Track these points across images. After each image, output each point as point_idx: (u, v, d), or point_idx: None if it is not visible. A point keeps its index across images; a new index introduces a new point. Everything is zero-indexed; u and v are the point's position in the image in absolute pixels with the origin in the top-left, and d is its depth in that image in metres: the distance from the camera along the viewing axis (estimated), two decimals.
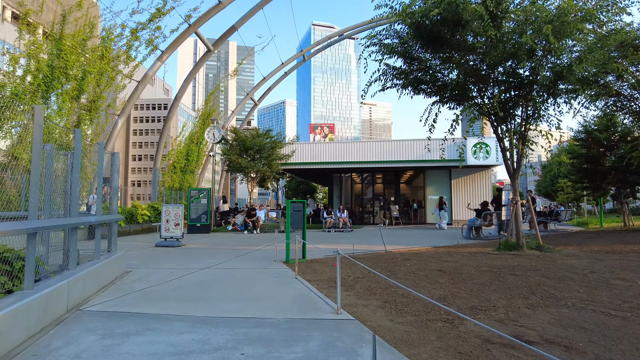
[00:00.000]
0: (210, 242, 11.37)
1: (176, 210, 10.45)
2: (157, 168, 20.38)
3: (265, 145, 17.44)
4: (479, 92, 8.99)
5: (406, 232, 15.37)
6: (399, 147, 19.41)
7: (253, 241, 11.64)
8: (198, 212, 15.15)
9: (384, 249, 9.50)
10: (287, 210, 7.37)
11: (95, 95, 14.24)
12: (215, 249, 9.60)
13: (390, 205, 20.39)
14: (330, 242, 11.43)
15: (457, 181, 20.77)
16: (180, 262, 7.36)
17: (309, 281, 5.44)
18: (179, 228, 10.37)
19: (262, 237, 13.26)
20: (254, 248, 9.73)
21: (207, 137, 16.22)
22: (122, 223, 13.64)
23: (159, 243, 10.21)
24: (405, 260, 7.44)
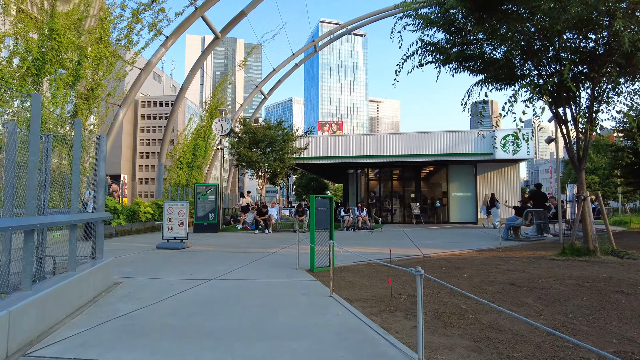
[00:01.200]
0: (219, 244, 10.12)
1: (180, 207, 9.21)
2: (162, 163, 19.26)
3: (277, 138, 16.14)
4: (536, 68, 7.54)
5: (431, 232, 13.97)
6: (421, 140, 17.97)
7: (266, 242, 10.37)
8: (205, 210, 13.93)
9: (420, 253, 8.15)
10: (311, 208, 6.06)
11: (93, 83, 13.07)
12: (225, 252, 8.33)
13: (410, 203, 18.96)
14: (352, 244, 10.09)
15: (482, 177, 19.26)
16: (182, 270, 6.10)
17: (350, 301, 4.12)
18: (184, 228, 9.13)
19: (275, 237, 11.98)
20: (268, 251, 8.44)
21: (215, 129, 14.98)
22: (122, 222, 12.48)
23: (161, 245, 8.98)
24: (455, 269, 6.08)
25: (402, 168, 20.08)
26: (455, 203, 19.45)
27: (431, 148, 17.91)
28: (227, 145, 17.54)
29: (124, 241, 10.73)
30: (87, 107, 13.13)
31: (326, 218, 6.24)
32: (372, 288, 4.78)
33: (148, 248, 9.05)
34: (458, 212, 19.35)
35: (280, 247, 9.23)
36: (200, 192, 14.02)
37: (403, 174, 20.28)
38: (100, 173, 5.19)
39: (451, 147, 17.87)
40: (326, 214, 6.24)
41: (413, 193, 19.80)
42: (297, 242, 6.45)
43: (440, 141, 17.94)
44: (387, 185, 20.29)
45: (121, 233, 12.51)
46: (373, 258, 7.38)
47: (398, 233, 13.29)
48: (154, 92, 77.51)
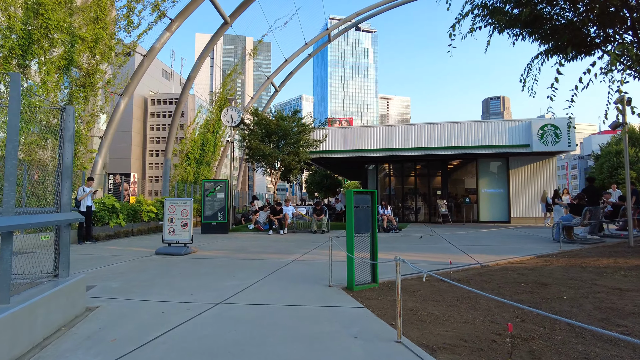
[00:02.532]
0: (229, 248, 8.74)
1: (183, 206, 7.85)
2: (168, 158, 18.02)
3: (291, 130, 14.72)
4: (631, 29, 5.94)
5: (467, 233, 12.39)
6: (448, 131, 16.35)
7: (284, 246, 8.96)
8: (214, 209, 12.61)
9: (473, 261, 6.63)
10: (349, 207, 4.61)
11: (90, 68, 11.82)
12: (236, 260, 6.94)
13: (437, 200, 17.37)
14: (382, 248, 8.61)
15: (516, 172, 17.55)
16: (182, 287, 4.72)
17: (432, 352, 2.64)
18: (187, 229, 7.77)
19: (292, 239, 10.57)
20: (288, 258, 7.02)
21: (224, 120, 13.64)
22: (122, 222, 11.22)
23: (160, 250, 7.64)
24: (540, 287, 4.56)
25: (426, 162, 18.48)
26: (485, 200, 17.80)
27: (459, 139, 16.29)
28: (237, 139, 16.21)
29: (121, 244, 9.44)
30: (84, 96, 11.90)
31: (367, 219, 4.79)
32: (450, 321, 3.31)
33: (146, 253, 7.72)
34: (488, 210, 17.71)
35: (301, 252, 7.80)
36: (208, 189, 12.70)
37: (428, 169, 18.67)
38: (66, 159, 3.83)
39: (482, 139, 16.22)
40: (367, 214, 4.79)
41: (439, 190, 18.19)
42: (329, 251, 4.98)
43: (469, 132, 16.30)
44: (410, 181, 18.72)
45: (120, 234, 11.25)
46: (422, 269, 5.90)
47: (428, 234, 11.75)
48: (163, 90, 76.99)
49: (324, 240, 9.99)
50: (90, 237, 9.77)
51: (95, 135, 13.60)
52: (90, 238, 9.78)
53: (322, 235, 11.52)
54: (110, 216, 10.85)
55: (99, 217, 10.41)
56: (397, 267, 2.87)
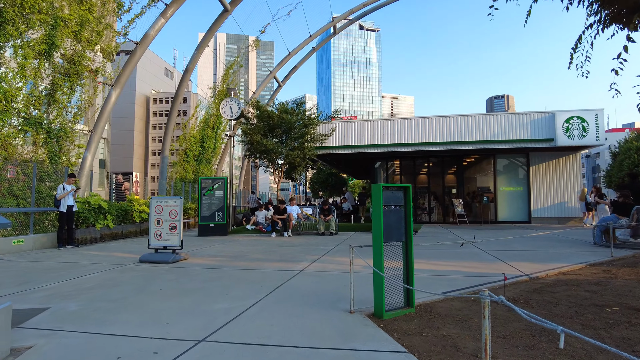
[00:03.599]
0: (225, 253, 7.65)
1: (172, 206, 6.76)
2: (165, 156, 16.97)
3: (295, 124, 13.61)
4: None
5: (489, 235, 11.22)
6: (463, 125, 15.18)
7: (288, 252, 7.84)
8: (212, 209, 11.53)
9: (517, 272, 5.48)
10: (375, 206, 3.48)
11: (75, 55, 10.77)
12: (232, 270, 5.83)
13: (452, 200, 16.19)
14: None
15: (536, 169, 16.35)
16: (157, 311, 3.62)
17: None
18: (176, 233, 6.67)
19: (297, 243, 9.46)
20: (294, 267, 5.91)
21: (223, 112, 12.56)
22: (110, 223, 10.17)
23: (145, 257, 6.55)
24: (633, 312, 3.42)
25: (440, 158, 17.30)
26: (504, 199, 16.60)
27: (476, 134, 15.11)
28: (238, 134, 15.13)
29: (106, 249, 8.37)
30: (69, 85, 10.85)
31: (399, 223, 3.67)
32: None
33: (129, 260, 6.63)
34: (507, 210, 16.51)
35: (309, 259, 6.69)
36: (205, 187, 11.62)
37: (441, 166, 17.47)
38: None
39: (501, 133, 15.03)
40: (399, 216, 3.66)
41: (454, 188, 17.01)
42: (351, 265, 3.85)
43: (487, 126, 15.11)
44: (422, 179, 17.54)
45: (108, 237, 10.20)
46: (461, 283, 4.80)
47: (449, 237, 10.60)
48: (166, 88, 76.17)
49: (334, 244, 8.87)
50: (72, 241, 8.72)
51: (83, 129, 12.57)
52: (72, 242, 8.73)
53: (330, 238, 10.40)
54: (96, 217, 9.79)
55: (83, 218, 9.35)
56: (485, 310, 1.73)
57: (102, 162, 45.84)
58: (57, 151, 10.78)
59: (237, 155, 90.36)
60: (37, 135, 10.25)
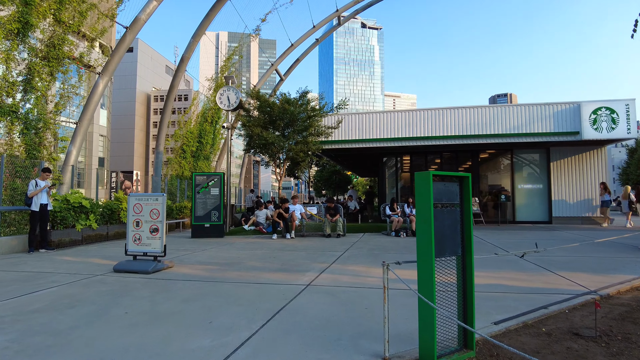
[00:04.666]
0: (219, 260, 6.58)
1: (153, 204, 5.69)
2: (160, 151, 15.94)
3: (299, 115, 12.53)
4: None
5: (516, 237, 10.10)
6: (478, 117, 14.04)
7: (291, 257, 6.76)
8: (206, 208, 10.48)
9: (576, 286, 4.37)
10: (422, 204, 2.37)
11: (55, 37, 9.73)
12: (223, 284, 4.76)
13: None
14: None
15: (558, 164, 15.18)
16: (108, 351, 2.55)
17: None
18: (158, 237, 5.60)
19: (302, 246, 8.39)
20: (298, 280, 4.83)
21: (220, 103, 11.49)
22: (93, 224, 9.13)
23: (121, 266, 5.49)
24: None
25: (453, 153, 16.15)
26: (522, 198, 15.46)
27: (493, 126, 13.97)
28: (238, 126, 14.07)
29: (83, 253, 7.32)
30: (49, 71, 9.81)
31: (454, 229, 2.56)
32: None
33: (103, 269, 5.58)
34: (526, 209, 15.37)
35: (316, 267, 5.60)
36: (199, 184, 10.56)
37: (455, 162, 16.31)
38: None
39: (520, 126, 13.88)
40: (454, 218, 2.56)
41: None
42: (384, 292, 2.78)
43: (505, 118, 13.97)
44: None
45: (91, 239, 9.16)
46: (514, 304, 3.68)
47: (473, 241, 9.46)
48: (167, 86, 74.97)
49: (344, 248, 7.79)
50: (46, 244, 7.68)
51: (67, 120, 11.54)
52: (46, 245, 7.69)
53: (338, 241, 9.32)
54: (76, 217, 8.75)
55: (60, 218, 8.30)
56: None
57: (101, 160, 44.97)
58: (36, 144, 9.74)
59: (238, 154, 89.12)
60: (12, 126, 9.22)
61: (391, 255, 6.90)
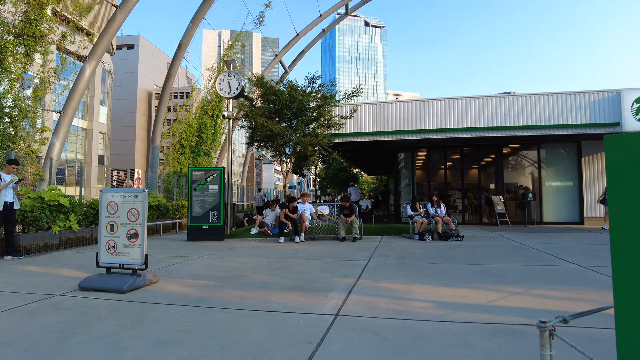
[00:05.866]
0: (215, 272, 5.34)
1: (131, 202, 4.45)
2: (156, 145, 14.77)
3: (307, 104, 11.28)
4: None
5: (550, 239, 8.81)
6: (506, 107, 12.75)
7: (305, 269, 5.52)
8: (204, 207, 9.26)
9: None
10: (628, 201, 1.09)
11: (31, 11, 8.52)
12: (216, 313, 3.52)
13: (491, 197, 13.78)
14: (469, 274, 5.19)
15: (591, 160, 13.87)
16: None
17: None
18: (138, 244, 4.37)
19: (315, 252, 7.14)
20: (319, 305, 3.58)
21: (220, 90, 10.27)
22: (74, 225, 7.93)
23: (88, 282, 4.25)
24: None
25: (475, 148, 14.84)
26: (550, 196, 14.16)
27: (519, 118, 12.68)
28: (240, 118, 12.83)
29: (53, 262, 6.11)
30: (25, 51, 8.60)
31: None
32: None
33: (66, 286, 4.36)
34: (554, 209, 14.07)
35: (340, 284, 4.35)
36: (196, 180, 9.33)
37: (477, 157, 14.99)
38: None
39: (551, 117, 12.58)
40: None
41: (492, 183, 14.59)
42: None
43: (533, 108, 12.68)
44: (454, 173, 15.10)
45: (71, 243, 7.96)
46: None
47: (511, 245, 8.20)
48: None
49: (366, 256, 6.54)
50: (12, 250, 6.47)
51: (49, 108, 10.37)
52: (13, 251, 6.49)
53: (355, 246, 8.07)
54: (53, 217, 7.54)
55: (32, 218, 7.10)
56: None
57: (101, 158, 43.85)
58: (10, 134, 8.55)
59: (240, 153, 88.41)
60: None
61: (426, 266, 5.64)
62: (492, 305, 3.57)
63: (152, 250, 7.58)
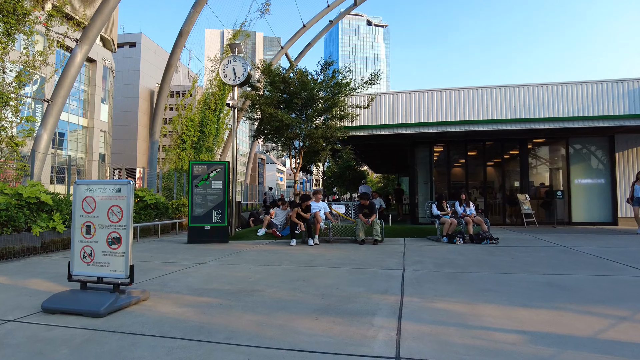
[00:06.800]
0: (219, 285, 4.34)
1: (113, 197, 3.46)
2: (155, 140, 13.82)
3: (319, 93, 10.27)
4: None
5: (599, 242, 7.76)
6: (534, 97, 11.70)
7: (330, 281, 4.52)
8: (207, 205, 8.28)
9: None
10: None
11: None
12: (225, 355, 2.50)
13: (517, 195, 12.73)
14: (526, 289, 4.18)
15: (624, 155, 12.80)
16: None
17: None
18: (121, 252, 3.38)
19: (335, 258, 6.14)
20: (367, 341, 2.58)
21: (224, 76, 9.28)
22: (59, 226, 6.96)
23: (54, 303, 3.26)
24: None
25: (497, 143, 13.77)
26: (579, 195, 13.09)
27: (546, 109, 11.63)
28: (245, 109, 11.84)
29: (27, 269, 5.13)
30: (5, 30, 7.66)
31: None
32: None
33: (28, 306, 3.37)
34: (585, 208, 13.00)
35: (383, 302, 3.35)
36: (198, 175, 8.35)
37: (500, 152, 13.91)
38: None
39: (582, 108, 11.53)
40: None
41: (517, 180, 13.53)
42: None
43: (562, 98, 11.63)
44: (476, 169, 14.04)
45: (55, 246, 6.99)
46: None
47: (558, 250, 7.17)
48: (171, 82, 73.33)
49: (396, 263, 5.53)
50: None
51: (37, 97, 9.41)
52: None
53: (378, 250, 7.06)
54: (33, 217, 6.58)
55: (6, 218, 6.13)
56: None
57: (102, 157, 43.03)
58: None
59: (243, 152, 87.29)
60: None
61: (477, 277, 4.63)
62: (605, 339, 2.56)
63: (147, 254, 6.60)
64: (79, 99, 38.54)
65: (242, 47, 9.65)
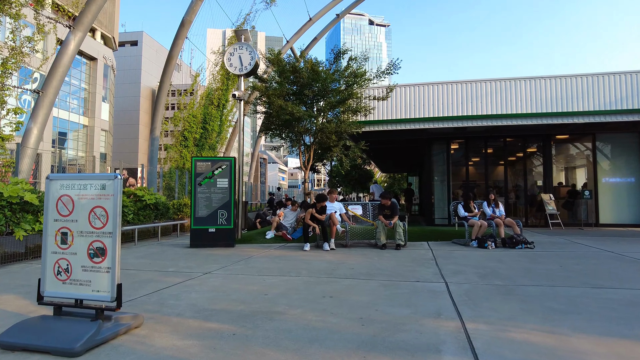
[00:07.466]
0: (230, 305, 3.57)
1: (96, 196, 2.70)
2: (155, 137, 13.11)
3: (331, 84, 9.51)
4: None
5: None
6: (559, 89, 10.91)
7: (365, 297, 3.75)
8: (211, 205, 7.52)
9: None
10: None
11: None
12: None
13: (541, 195, 11.93)
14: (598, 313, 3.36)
15: None
16: None
17: None
18: (106, 266, 2.61)
19: (359, 267, 5.37)
20: None
21: (229, 65, 8.52)
22: None
23: (14, 334, 2.48)
24: None
25: (518, 139, 12.96)
26: (607, 194, 12.28)
27: (572, 102, 10.85)
28: (252, 102, 11.08)
29: (2, 282, 4.38)
30: None
31: None
32: None
33: None
34: (613, 209, 12.20)
35: (443, 329, 2.58)
36: (201, 173, 7.59)
37: (521, 149, 13.08)
38: None
39: (610, 102, 10.75)
40: None
41: (539, 179, 12.73)
42: None
43: (589, 91, 10.84)
44: (495, 167, 13.24)
45: (41, 251, 6.24)
46: None
47: (605, 256, 6.38)
48: (172, 81, 72.72)
49: (432, 273, 4.76)
50: None
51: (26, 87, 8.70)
52: None
53: (404, 256, 6.28)
54: (16, 219, 5.83)
55: None
56: None
57: (103, 156, 42.32)
58: None
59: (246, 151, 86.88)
60: None
61: (537, 292, 3.84)
62: None
63: (145, 261, 5.85)
64: (80, 97, 37.86)
65: (249, 34, 8.89)
